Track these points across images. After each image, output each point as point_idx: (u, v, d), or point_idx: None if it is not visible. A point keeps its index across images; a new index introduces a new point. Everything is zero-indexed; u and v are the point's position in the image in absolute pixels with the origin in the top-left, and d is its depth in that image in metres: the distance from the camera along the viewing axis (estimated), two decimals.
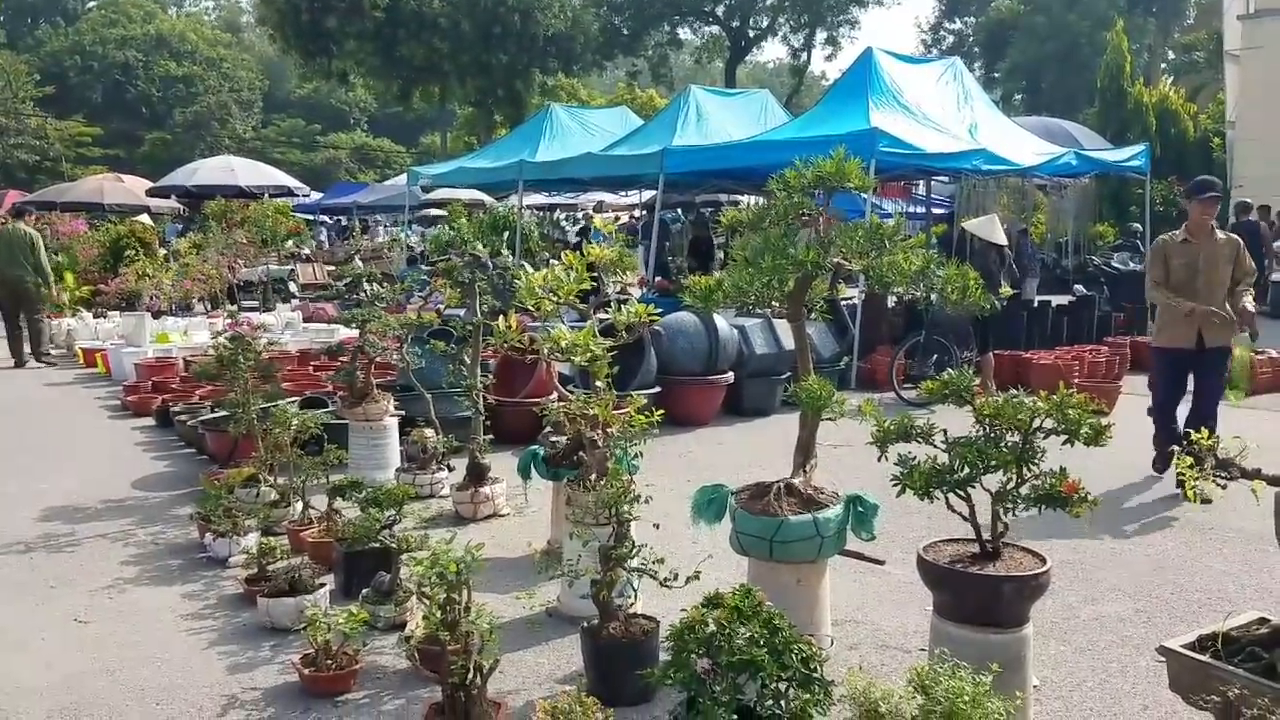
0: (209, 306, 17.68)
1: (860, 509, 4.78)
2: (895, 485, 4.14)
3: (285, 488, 6.82)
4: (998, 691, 3.00)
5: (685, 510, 4.99)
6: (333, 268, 22.37)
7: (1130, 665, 4.72)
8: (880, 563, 5.15)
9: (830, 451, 7.47)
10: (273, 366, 7.90)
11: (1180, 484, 3.07)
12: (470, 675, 4.01)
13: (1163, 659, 3.07)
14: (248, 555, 5.86)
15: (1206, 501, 6.46)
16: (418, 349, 8.06)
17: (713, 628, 3.63)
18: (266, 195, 22.61)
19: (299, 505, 6.62)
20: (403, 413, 8.39)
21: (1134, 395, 11.69)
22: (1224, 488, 2.90)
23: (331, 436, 6.92)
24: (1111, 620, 5.26)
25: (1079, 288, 17.19)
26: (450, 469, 7.90)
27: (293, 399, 8.29)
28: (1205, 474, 2.90)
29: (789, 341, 9.79)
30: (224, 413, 8.08)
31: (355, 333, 8.39)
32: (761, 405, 10.85)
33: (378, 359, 8.21)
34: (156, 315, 15.62)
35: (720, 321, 10.44)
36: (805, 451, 5.04)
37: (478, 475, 7.22)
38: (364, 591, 5.27)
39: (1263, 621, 3.06)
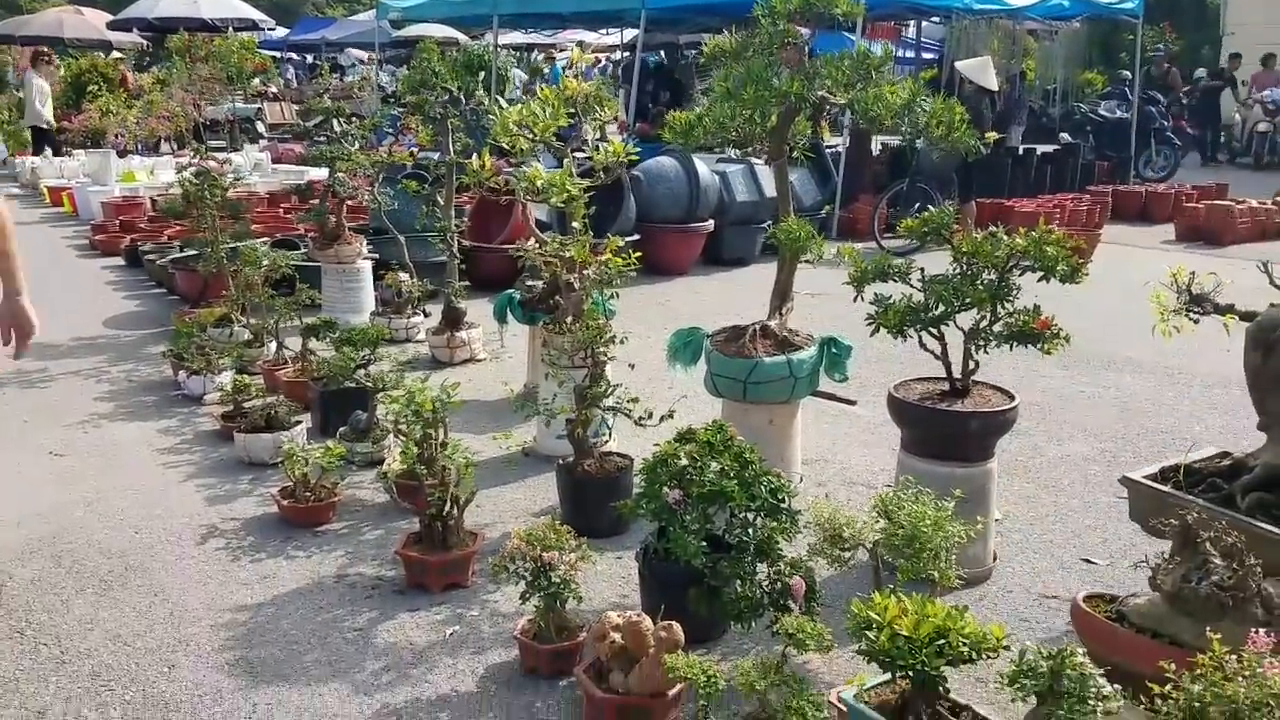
0: (175, 146, 17.24)
1: (834, 351, 4.81)
2: (869, 325, 4.14)
3: (258, 327, 6.77)
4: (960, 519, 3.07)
5: (662, 356, 5.00)
6: (300, 106, 21.71)
7: (1092, 502, 4.86)
8: (852, 403, 5.21)
9: (808, 300, 7.45)
10: (240, 204, 7.73)
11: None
12: (447, 507, 4.09)
13: (1124, 494, 3.14)
14: (222, 393, 5.86)
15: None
16: (389, 190, 7.88)
17: (684, 461, 3.68)
18: (231, 29, 21.68)
19: (273, 345, 6.59)
20: (376, 256, 8.29)
21: (1113, 244, 11.71)
22: (1196, 323, 2.91)
23: (303, 279, 6.83)
24: (1076, 459, 5.39)
25: (1064, 136, 16.95)
26: (426, 314, 7.86)
27: (263, 240, 8.13)
28: (1179, 309, 2.90)
29: (771, 189, 9.65)
30: (193, 252, 7.96)
31: (324, 173, 8.18)
32: (742, 254, 10.77)
33: (348, 199, 8.03)
34: (122, 154, 15.26)
35: (701, 167, 10.25)
36: (782, 294, 5.02)
37: (453, 320, 7.18)
38: (340, 429, 5.29)
39: (1225, 455, 3.12)
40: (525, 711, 3.30)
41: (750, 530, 3.60)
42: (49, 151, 16.17)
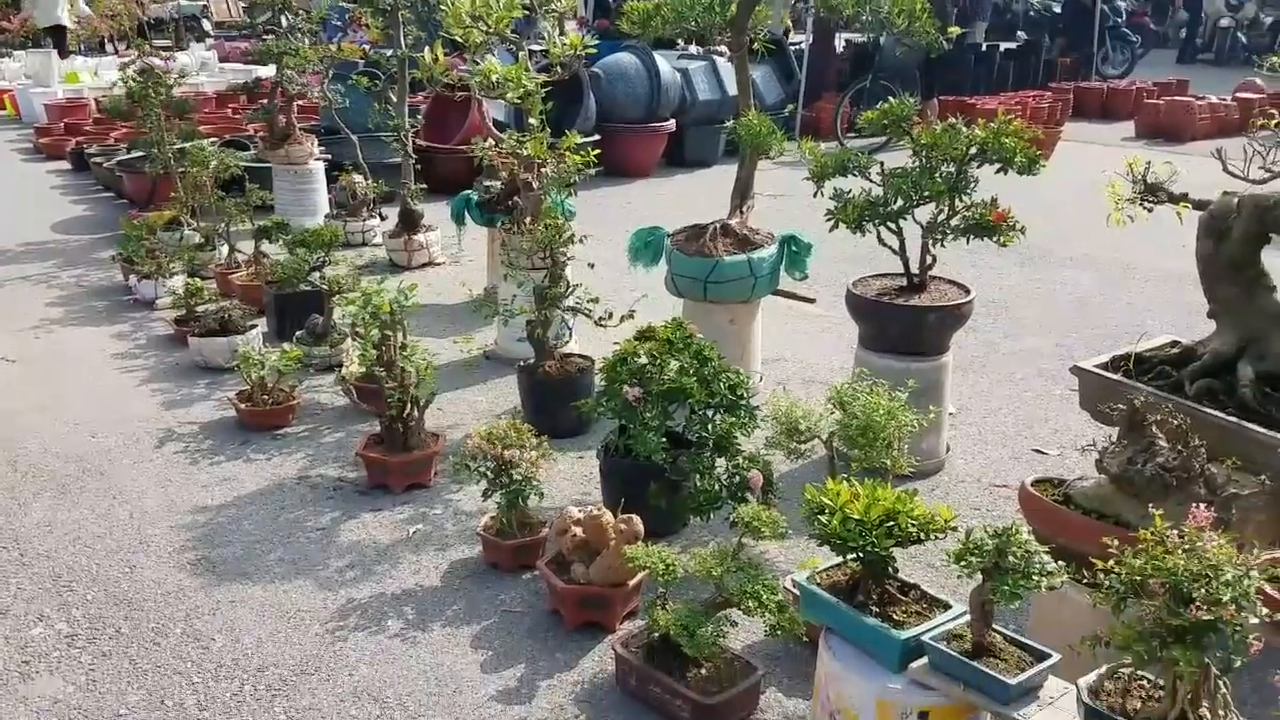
0: (119, 47, 16.59)
1: (794, 249, 4.79)
2: (829, 220, 4.12)
3: (209, 230, 6.63)
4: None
5: (623, 257, 4.96)
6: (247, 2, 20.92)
7: (1045, 394, 4.95)
8: (811, 301, 5.23)
9: (770, 200, 7.41)
10: (187, 104, 7.48)
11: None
12: (407, 408, 4.08)
13: (1076, 387, 3.19)
14: (174, 297, 5.76)
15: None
16: (340, 87, 7.65)
17: (644, 359, 3.69)
18: None
19: (224, 248, 6.46)
20: (329, 157, 8.09)
21: (1073, 142, 11.69)
22: (1150, 211, 2.92)
23: (254, 181, 6.66)
24: (1030, 354, 5.47)
25: (1021, 34, 16.79)
26: (382, 216, 7.72)
27: (212, 141, 7.91)
28: (1133, 198, 2.90)
29: (734, 87, 9.48)
30: (140, 154, 7.73)
31: (273, 71, 7.92)
32: (704, 156, 10.64)
33: (298, 98, 7.80)
34: (64, 54, 14.66)
35: (663, 64, 10.03)
36: (743, 192, 4.98)
37: (410, 222, 7.06)
38: (297, 333, 5.24)
39: (1175, 344, 3.17)
40: (489, 604, 3.35)
41: (709, 426, 3.64)
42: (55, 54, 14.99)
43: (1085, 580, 2.17)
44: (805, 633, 2.84)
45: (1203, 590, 1.79)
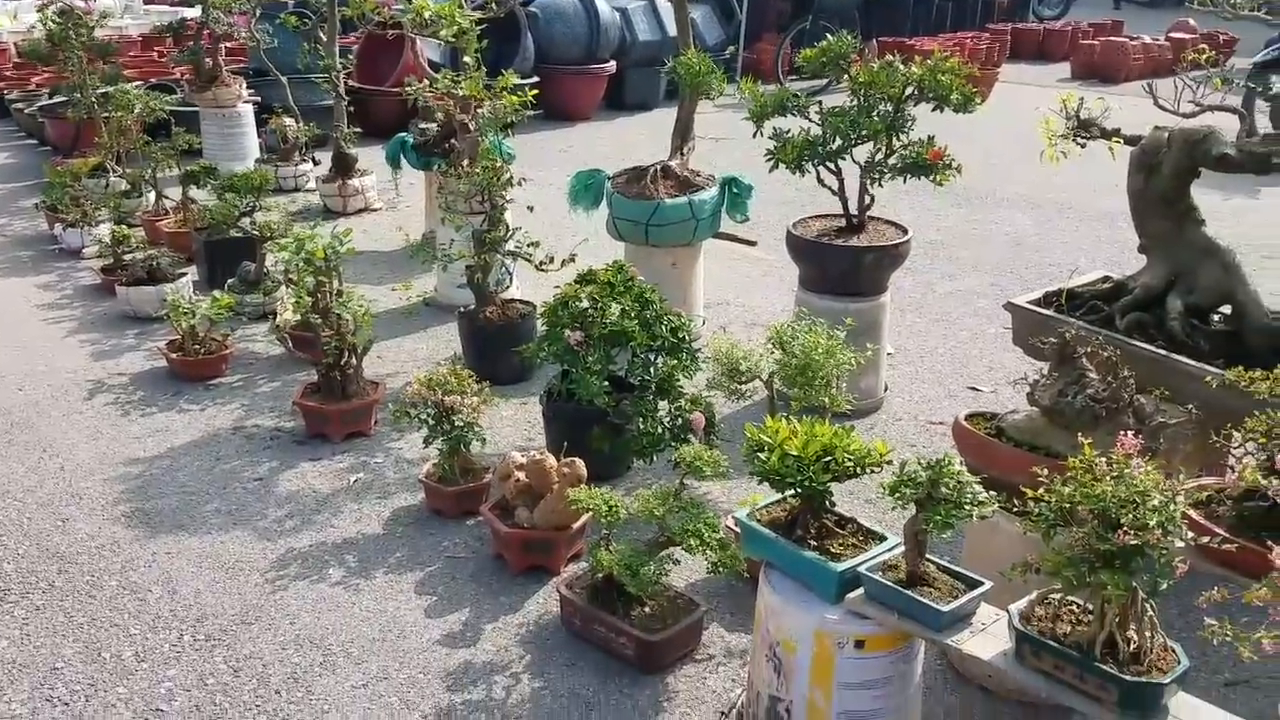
0: None
1: (735, 191, 4.78)
2: (768, 160, 4.10)
3: (135, 176, 6.42)
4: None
5: (565, 201, 4.91)
6: None
7: (980, 333, 5.03)
8: (752, 244, 5.23)
9: (711, 144, 7.38)
10: (110, 46, 7.21)
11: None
12: (344, 356, 4.02)
13: (1010, 326, 3.23)
14: (101, 245, 5.58)
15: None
16: (268, 27, 7.41)
17: (585, 303, 3.66)
18: None
19: (151, 195, 6.27)
20: (258, 100, 7.86)
21: (1010, 83, 11.77)
22: (1083, 146, 2.94)
23: (181, 125, 6.45)
24: (967, 294, 5.54)
25: None
26: (315, 161, 7.54)
27: (137, 85, 7.63)
28: (1066, 134, 2.93)
29: (674, 27, 9.37)
30: (63, 98, 7.45)
31: (198, 11, 7.64)
32: (644, 98, 10.53)
33: (225, 39, 7.53)
34: None
35: (601, 4, 9.86)
36: (683, 133, 4.94)
37: (344, 166, 6.91)
38: (229, 281, 5.12)
39: (1106, 279, 3.23)
40: (433, 550, 3.34)
41: (651, 369, 3.64)
42: None
43: (1016, 510, 2.21)
44: (746, 569, 2.88)
45: (1130, 516, 1.84)
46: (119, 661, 2.82)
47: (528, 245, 4.43)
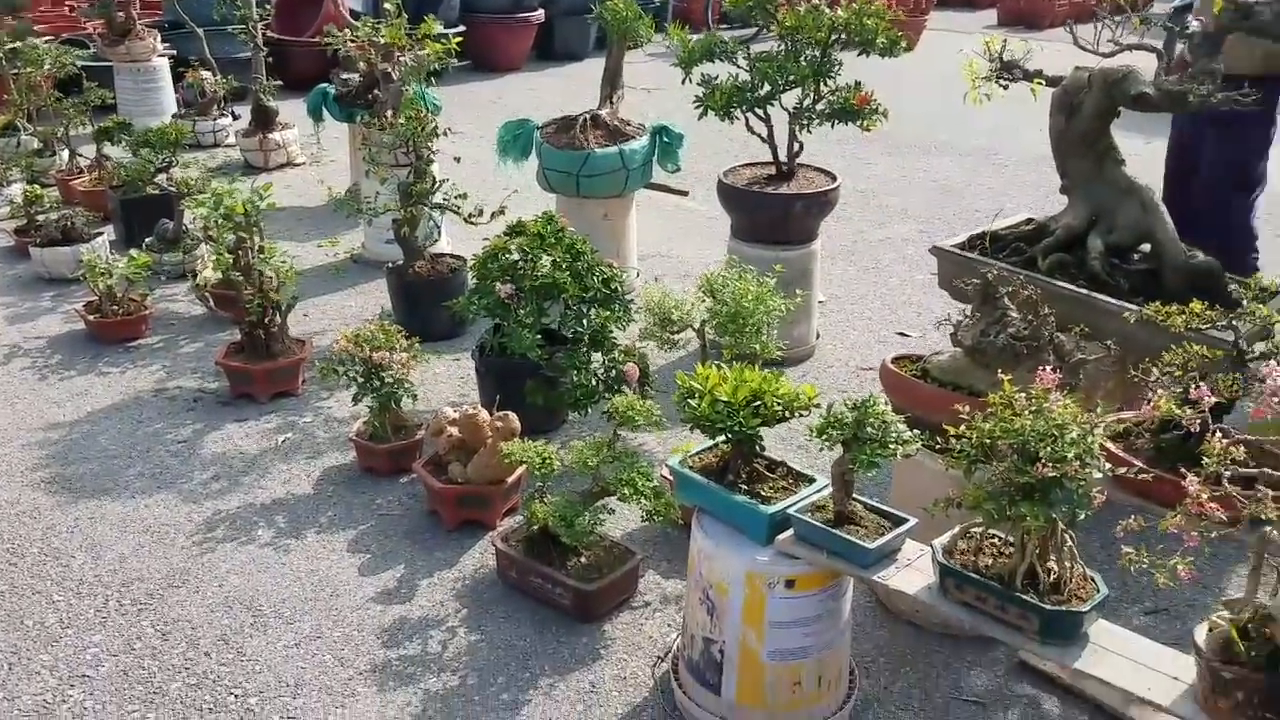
0: None
1: (666, 140, 4.74)
2: (697, 107, 4.07)
3: (47, 134, 6.17)
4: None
5: (494, 154, 4.83)
6: None
7: (910, 279, 5.08)
8: (684, 194, 5.20)
9: (643, 95, 7.31)
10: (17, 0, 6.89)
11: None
12: (268, 314, 3.93)
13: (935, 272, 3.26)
14: (13, 206, 5.37)
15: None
16: None
17: (516, 255, 3.62)
18: None
19: (64, 153, 6.03)
20: (174, 53, 7.59)
21: (937, 30, 11.82)
22: (1006, 89, 2.96)
23: (94, 81, 6.20)
24: (896, 241, 5.59)
25: None
26: (235, 115, 7.32)
27: (47, 40, 7.31)
28: (990, 76, 2.94)
29: None
30: None
31: None
32: (574, 48, 10.37)
33: None
34: None
35: None
36: (612, 81, 4.87)
37: (265, 120, 6.71)
38: (146, 240, 4.95)
39: (1029, 221, 3.27)
40: (365, 509, 3.30)
41: (584, 321, 3.61)
42: None
43: (939, 447, 2.24)
44: (681, 516, 2.89)
45: (1048, 449, 1.87)
46: (42, 629, 2.75)
47: (455, 198, 4.35)
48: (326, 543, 3.12)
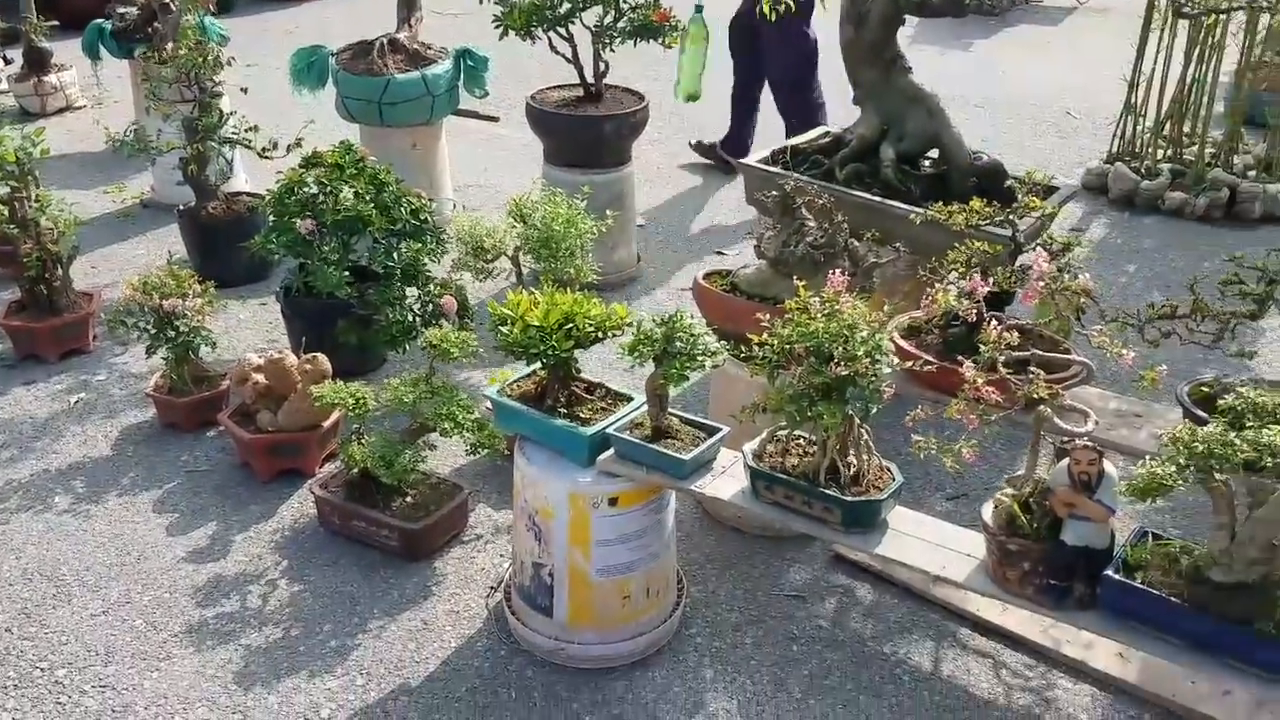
0: None
1: (471, 63, 4.61)
2: (497, 26, 3.96)
3: None
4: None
5: (290, 87, 4.57)
6: None
7: (725, 199, 5.14)
8: (495, 119, 5.09)
9: (450, 20, 7.05)
10: None
11: None
12: (49, 268, 3.64)
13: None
14: None
15: None
16: None
17: (314, 188, 3.46)
18: None
19: None
20: None
21: None
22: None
23: None
24: (711, 162, 5.62)
25: None
26: (6, 59, 6.68)
27: None
28: None
29: None
30: None
31: None
32: None
33: None
34: None
35: None
36: (409, 3, 4.68)
37: (38, 62, 6.15)
38: None
39: (827, 134, 3.35)
40: (170, 466, 3.14)
41: (395, 255, 3.49)
42: None
43: (744, 356, 2.30)
44: (507, 447, 2.87)
45: (840, 348, 1.94)
46: None
47: (246, 131, 4.11)
48: (130, 505, 2.96)
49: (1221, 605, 1.75)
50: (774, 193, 2.60)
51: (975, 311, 2.08)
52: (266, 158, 4.09)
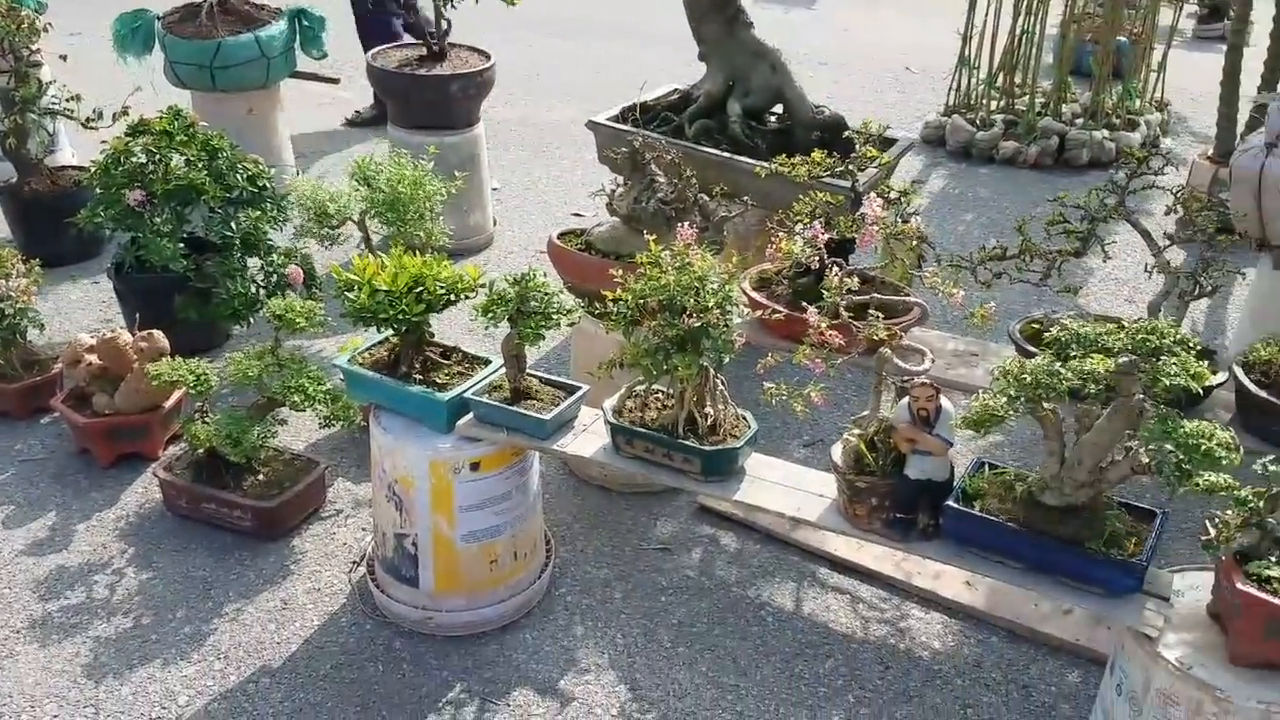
0: None
1: (306, 23, 4.43)
2: None
3: None
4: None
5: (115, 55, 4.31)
6: None
7: (580, 160, 5.12)
8: (335, 81, 4.92)
9: None
10: None
11: None
12: None
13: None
14: None
15: None
16: None
17: (142, 157, 3.27)
18: None
19: None
20: None
21: None
22: None
23: None
24: (564, 123, 5.59)
25: None
26: None
27: None
28: None
29: None
30: None
31: None
32: None
33: None
34: None
35: None
36: None
37: None
38: None
39: (675, 91, 3.36)
40: (3, 457, 2.96)
41: (233, 224, 3.34)
42: None
43: (600, 313, 2.30)
44: (364, 418, 2.80)
45: (692, 300, 1.96)
46: None
47: (67, 100, 3.85)
48: None
49: (1055, 527, 1.86)
50: (624, 150, 2.60)
51: (819, 259, 2.13)
52: (91, 128, 3.85)
